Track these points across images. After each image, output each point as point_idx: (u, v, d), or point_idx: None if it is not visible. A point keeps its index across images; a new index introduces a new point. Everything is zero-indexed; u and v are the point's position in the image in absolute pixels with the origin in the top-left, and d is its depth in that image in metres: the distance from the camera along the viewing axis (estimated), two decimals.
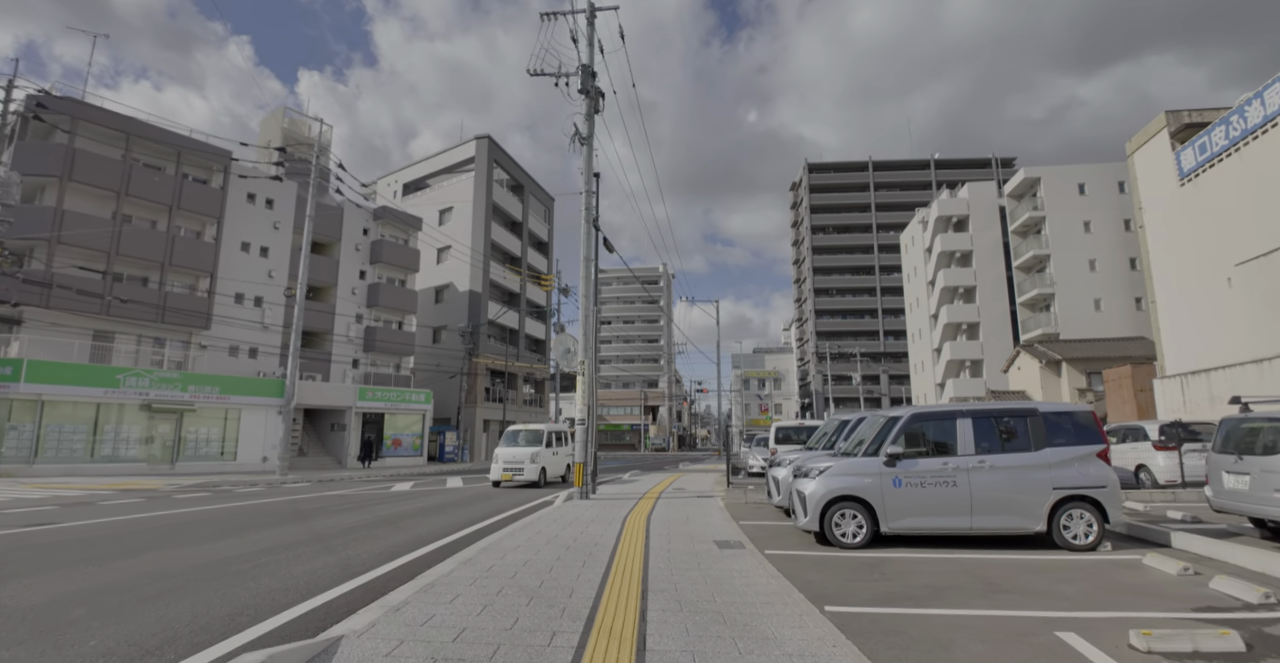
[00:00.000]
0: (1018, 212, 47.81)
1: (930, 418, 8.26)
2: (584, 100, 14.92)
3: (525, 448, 18.54)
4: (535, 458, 18.25)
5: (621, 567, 6.58)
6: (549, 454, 19.01)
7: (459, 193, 45.36)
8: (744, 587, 5.78)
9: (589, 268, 14.82)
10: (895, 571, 6.71)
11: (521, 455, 18.18)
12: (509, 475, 18.04)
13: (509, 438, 19.52)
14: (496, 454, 18.64)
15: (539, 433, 19.32)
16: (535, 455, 18.28)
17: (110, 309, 26.41)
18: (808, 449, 11.36)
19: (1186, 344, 23.77)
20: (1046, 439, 7.99)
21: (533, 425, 19.63)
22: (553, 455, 19.28)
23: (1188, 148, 23.80)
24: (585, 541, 8.25)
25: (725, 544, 7.98)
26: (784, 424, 15.81)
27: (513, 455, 18.21)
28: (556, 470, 19.80)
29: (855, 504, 7.91)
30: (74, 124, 26.54)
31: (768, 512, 11.62)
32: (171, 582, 6.13)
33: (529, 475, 18.03)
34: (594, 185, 15.20)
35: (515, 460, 18.03)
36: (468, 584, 5.70)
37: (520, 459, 18.05)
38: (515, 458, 18.10)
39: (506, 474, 18.04)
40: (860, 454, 8.16)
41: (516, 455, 18.17)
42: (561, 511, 11.62)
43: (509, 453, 18.42)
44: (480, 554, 7.18)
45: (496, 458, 18.50)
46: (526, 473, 17.98)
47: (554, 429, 19.93)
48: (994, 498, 7.83)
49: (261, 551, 7.89)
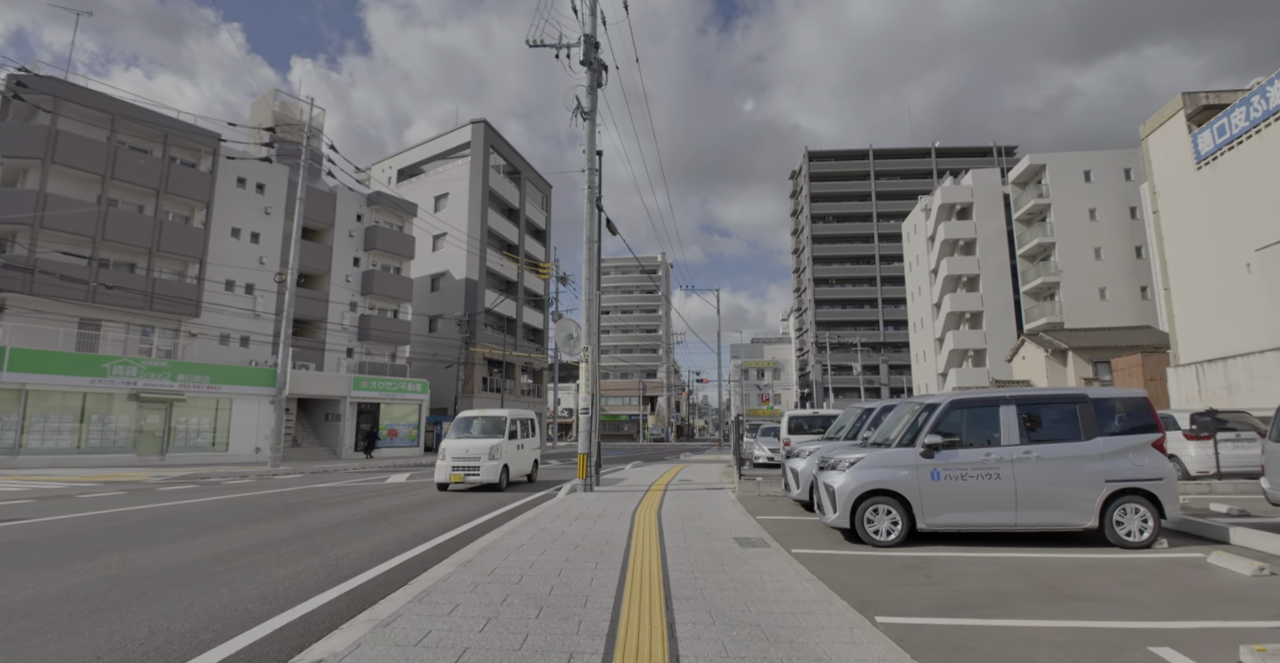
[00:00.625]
0: (1022, 199, 47.11)
1: (971, 405, 7.59)
2: (586, 72, 14.16)
3: (482, 440, 14.64)
4: (495, 452, 14.32)
5: (638, 569, 5.92)
6: (512, 448, 15.18)
7: (455, 179, 44.48)
8: (778, 593, 5.12)
9: (592, 249, 14.11)
10: (941, 573, 6.07)
11: (477, 450, 14.30)
12: (459, 477, 14.11)
13: (460, 427, 15.43)
14: (443, 448, 14.47)
15: (499, 421, 15.33)
16: (495, 450, 14.35)
17: (96, 296, 25.62)
18: (827, 439, 10.71)
19: (1202, 332, 23.15)
20: (1098, 427, 7.34)
21: (492, 412, 15.78)
22: (517, 450, 15.55)
23: (1205, 130, 23.10)
24: (594, 538, 7.60)
25: (747, 542, 7.33)
26: (798, 413, 15.12)
27: (465, 450, 14.31)
28: (521, 468, 16.14)
29: (889, 499, 7.26)
30: (57, 104, 25.64)
31: (785, 505, 10.98)
32: (134, 588, 5.45)
33: (487, 476, 14.15)
34: (597, 163, 14.46)
35: (468, 456, 14.19)
36: (468, 591, 5.04)
37: (475, 455, 14.22)
38: (469, 453, 14.24)
39: (456, 475, 14.10)
40: (894, 445, 7.49)
41: (470, 450, 14.29)
42: (566, 504, 10.97)
43: (460, 446, 14.42)
44: (481, 555, 6.51)
45: (443, 453, 14.43)
46: (484, 472, 14.12)
47: (518, 417, 16.18)
48: (1041, 491, 7.19)
49: (240, 550, 7.22)
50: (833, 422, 14.09)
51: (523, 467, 16.25)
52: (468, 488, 14.87)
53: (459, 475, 14.16)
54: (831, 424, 12.46)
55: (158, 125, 28.22)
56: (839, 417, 11.85)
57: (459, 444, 14.53)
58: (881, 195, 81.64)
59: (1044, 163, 45.69)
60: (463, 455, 14.29)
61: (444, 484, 14.46)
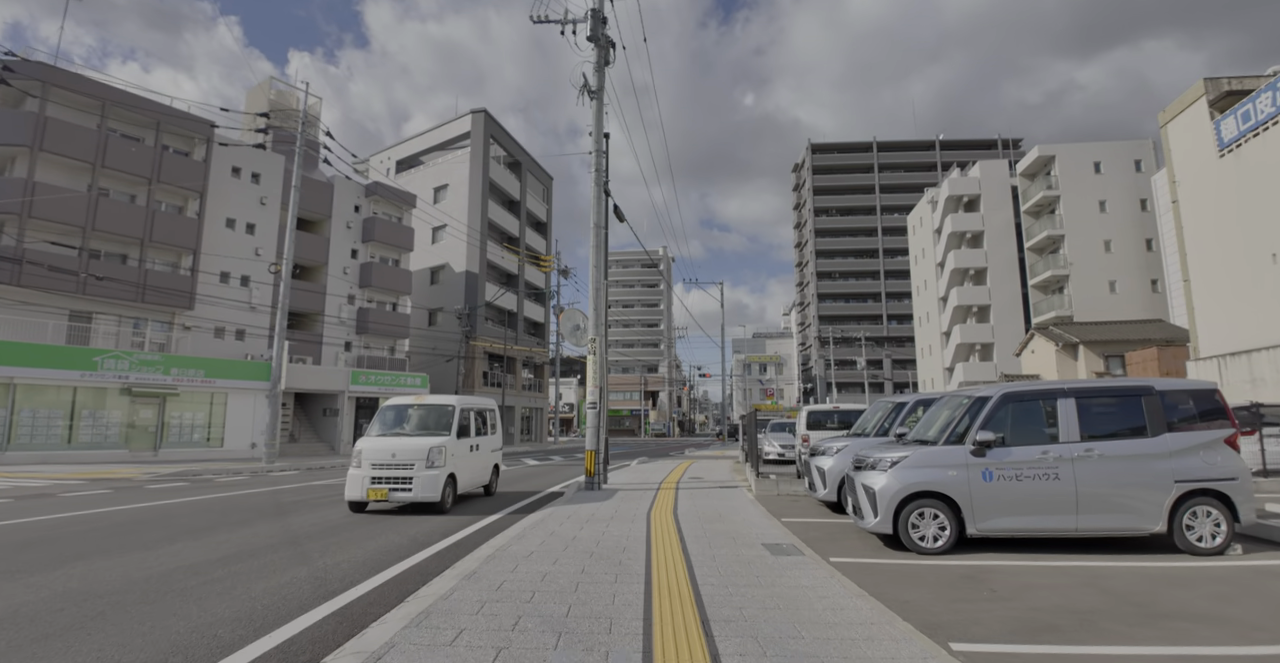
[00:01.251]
0: (1031, 191, 46.38)
1: (1026, 398, 6.91)
2: (593, 49, 13.44)
3: (417, 439, 10.30)
4: (435, 458, 9.97)
5: (664, 583, 5.24)
6: (462, 450, 10.88)
7: (454, 170, 43.69)
8: (828, 612, 4.45)
9: (599, 235, 13.40)
10: (1005, 586, 5.39)
11: (410, 453, 9.93)
12: (381, 492, 9.79)
13: (387, 420, 11.11)
14: (359, 451, 10.18)
15: (444, 412, 10.97)
16: (436, 453, 9.99)
17: (87, 288, 24.90)
18: (854, 436, 10.03)
19: (1223, 324, 22.47)
20: (1165, 423, 6.66)
21: (434, 399, 11.52)
22: (469, 452, 11.24)
23: (1229, 116, 22.34)
24: (610, 544, 6.93)
25: (778, 549, 6.65)
26: (816, 408, 14.43)
27: (391, 454, 9.95)
28: (474, 477, 11.67)
29: (936, 502, 6.58)
30: (45, 90, 24.86)
31: (808, 506, 10.31)
32: (92, 607, 4.77)
33: (423, 491, 9.78)
34: (604, 145, 13.74)
35: (396, 463, 9.88)
36: (473, 612, 4.36)
37: (406, 460, 9.87)
38: (396, 458, 9.91)
39: (377, 491, 9.80)
40: (941, 442, 6.80)
41: (400, 454, 9.93)
42: (574, 505, 10.29)
43: (384, 448, 10.05)
44: (487, 565, 5.84)
45: (358, 457, 10.14)
46: (418, 486, 9.76)
47: (473, 406, 11.82)
48: (1104, 493, 6.51)
49: (221, 558, 6.54)
50: (854, 416, 13.43)
51: (477, 475, 11.74)
52: (393, 508, 10.58)
53: (380, 491, 9.74)
54: (857, 420, 11.77)
55: (150, 112, 27.45)
56: (865, 412, 11.18)
57: (383, 445, 10.11)
58: (885, 188, 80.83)
59: (1053, 154, 44.96)
60: (387, 462, 9.90)
61: (360, 503, 10.10)
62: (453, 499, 10.48)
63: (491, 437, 12.75)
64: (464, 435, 11.02)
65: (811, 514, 9.42)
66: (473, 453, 11.43)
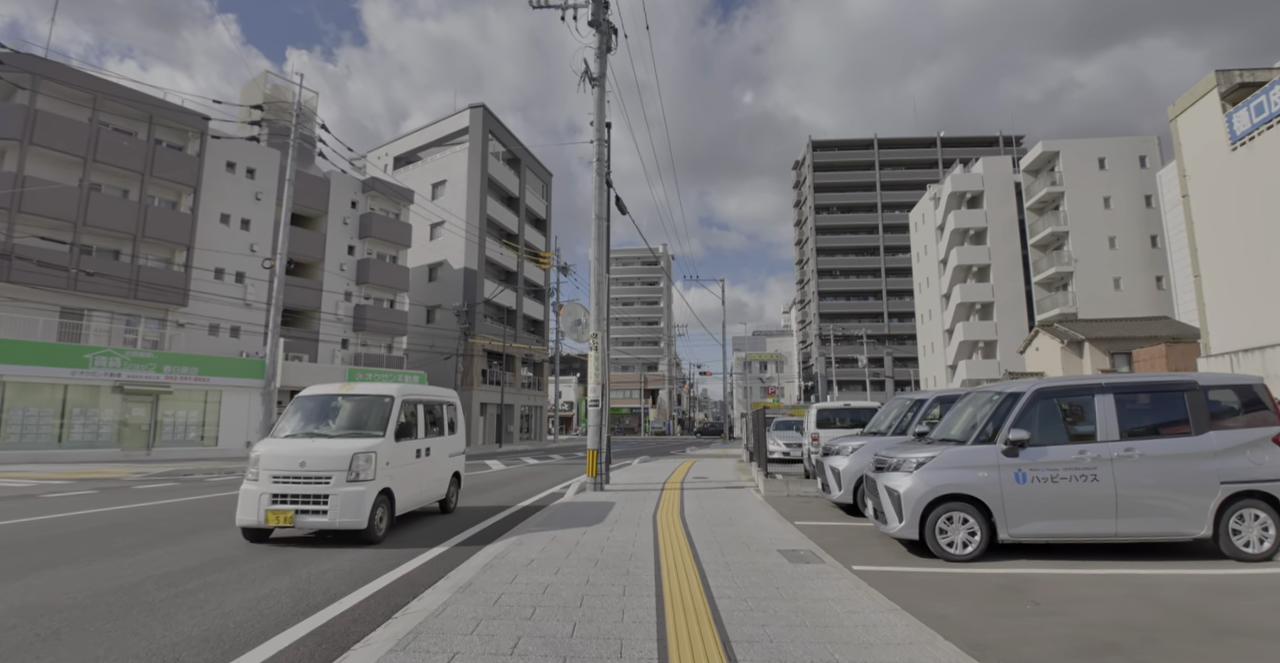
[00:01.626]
0: (1034, 187, 45.97)
1: (1060, 394, 6.47)
2: (594, 34, 12.98)
3: (337, 442, 7.68)
4: (361, 468, 7.33)
5: (677, 596, 4.80)
6: (403, 455, 8.23)
7: (452, 166, 43.19)
8: (860, 630, 4.01)
9: (601, 227, 12.95)
10: (1048, 597, 4.96)
11: (324, 460, 7.33)
12: (286, 515, 7.15)
13: (298, 414, 8.30)
14: (255, 456, 7.52)
15: (379, 405, 8.22)
16: (362, 461, 7.35)
17: (78, 284, 24.44)
18: (869, 434, 9.58)
19: (1236, 320, 22.05)
20: (1210, 420, 6.23)
21: (364, 388, 8.61)
22: (415, 459, 8.58)
23: (1241, 109, 21.90)
24: (615, 551, 6.49)
25: (796, 556, 6.22)
26: (827, 406, 13.97)
27: (299, 461, 7.35)
28: (426, 491, 9.03)
29: (966, 505, 6.14)
30: (35, 82, 24.40)
31: (821, 508, 9.87)
32: (48, 623, 4.33)
33: (342, 514, 7.16)
34: (606, 134, 13.29)
35: (305, 473, 7.28)
36: (467, 632, 3.92)
37: (320, 469, 7.28)
38: (307, 467, 7.30)
39: (279, 513, 7.16)
40: (970, 441, 6.36)
41: (311, 461, 7.34)
42: (576, 508, 9.85)
43: (288, 454, 7.44)
44: (483, 575, 5.40)
45: (255, 466, 7.43)
46: (336, 507, 7.15)
47: (420, 397, 9.06)
48: (1146, 495, 6.07)
49: (197, 567, 6.10)
50: (865, 414, 12.99)
51: (427, 488, 8.99)
52: (304, 536, 7.81)
53: (284, 513, 7.05)
54: (868, 418, 11.33)
55: (142, 105, 26.96)
56: (880, 410, 10.73)
57: (290, 450, 7.42)
58: (886, 186, 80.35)
59: (1057, 150, 44.54)
60: (295, 473, 7.18)
61: (258, 530, 7.38)
62: (387, 523, 7.68)
63: (450, 438, 9.86)
64: (406, 436, 8.29)
65: (826, 517, 8.98)
66: (420, 460, 8.69)
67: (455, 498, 10.31)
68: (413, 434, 8.59)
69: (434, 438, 9.29)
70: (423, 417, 9.00)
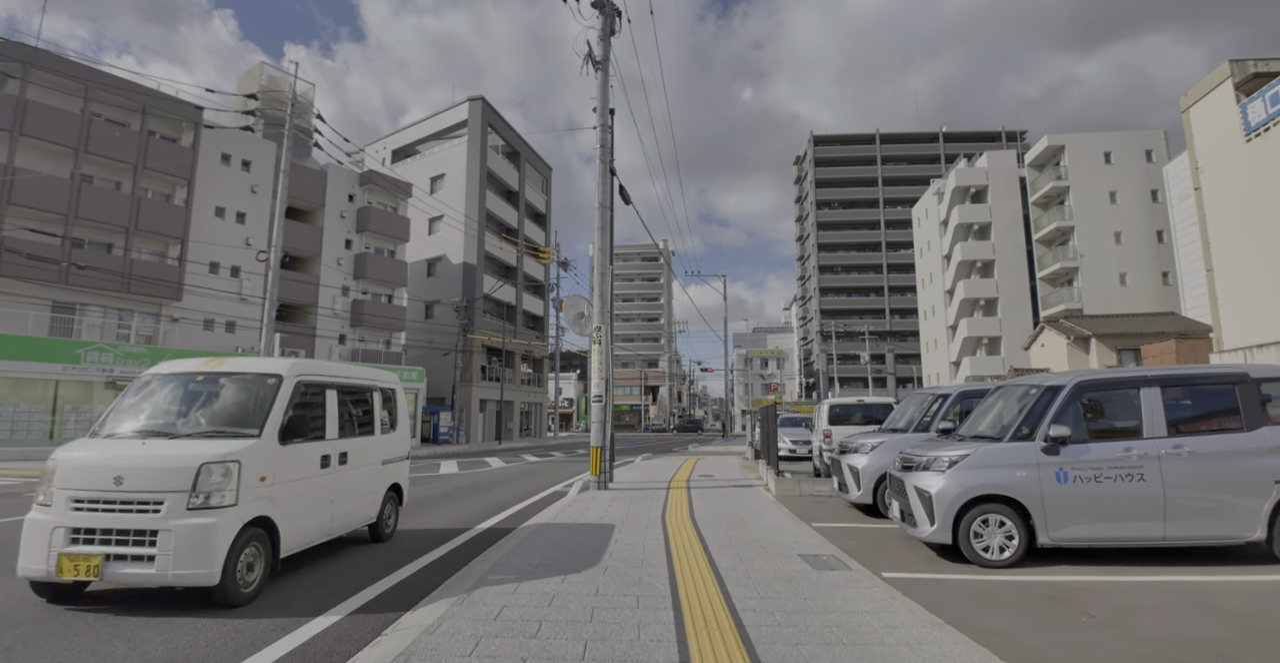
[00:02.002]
0: (1039, 182, 45.53)
1: (1103, 387, 6.03)
2: (598, 16, 12.52)
3: (182, 444, 4.92)
4: (216, 485, 4.65)
5: (697, 609, 4.37)
6: (300, 465, 5.68)
7: (451, 159, 42.66)
8: (905, 650, 3.59)
9: (604, 216, 12.50)
10: (1102, 608, 4.53)
11: (151, 475, 4.60)
12: (87, 563, 4.44)
13: (138, 400, 5.58)
14: (50, 466, 4.79)
15: (259, 390, 5.53)
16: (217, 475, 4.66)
17: (69, 277, 23.97)
18: (888, 431, 9.15)
19: (1250, 315, 21.64)
20: (1262, 414, 5.80)
21: (237, 364, 5.86)
22: (323, 471, 6.03)
23: (1256, 99, 21.46)
24: (625, 556, 6.06)
25: (820, 562, 5.79)
26: (839, 401, 13.50)
27: (113, 475, 4.60)
28: (341, 515, 6.37)
29: (1003, 507, 5.71)
30: (25, 72, 23.88)
31: (836, 508, 9.44)
32: None
33: (178, 562, 4.45)
34: (609, 120, 12.83)
35: (121, 494, 4.55)
36: (465, 653, 3.48)
37: (144, 489, 4.56)
38: (128, 488, 4.56)
39: (79, 559, 4.45)
40: (1006, 438, 5.93)
41: (132, 477, 4.59)
42: (580, 507, 9.42)
43: (99, 464, 4.70)
44: (482, 586, 4.97)
45: (47, 483, 4.72)
46: (167, 550, 4.46)
47: (332, 381, 6.42)
48: (1195, 496, 5.65)
49: None
50: (879, 410, 12.57)
51: (345, 510, 6.44)
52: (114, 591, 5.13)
53: (87, 560, 4.48)
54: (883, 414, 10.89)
55: (135, 96, 26.45)
56: (899, 406, 10.28)
57: (104, 457, 4.85)
58: (888, 181, 79.84)
59: (1063, 144, 44.10)
60: (106, 495, 4.62)
61: (49, 585, 4.79)
62: (264, 571, 5.06)
63: (383, 438, 7.21)
64: (302, 436, 5.61)
65: (843, 518, 8.54)
66: (329, 471, 6.03)
67: (393, 520, 7.52)
68: (315, 433, 5.84)
69: (356, 438, 6.55)
70: (336, 408, 6.21)
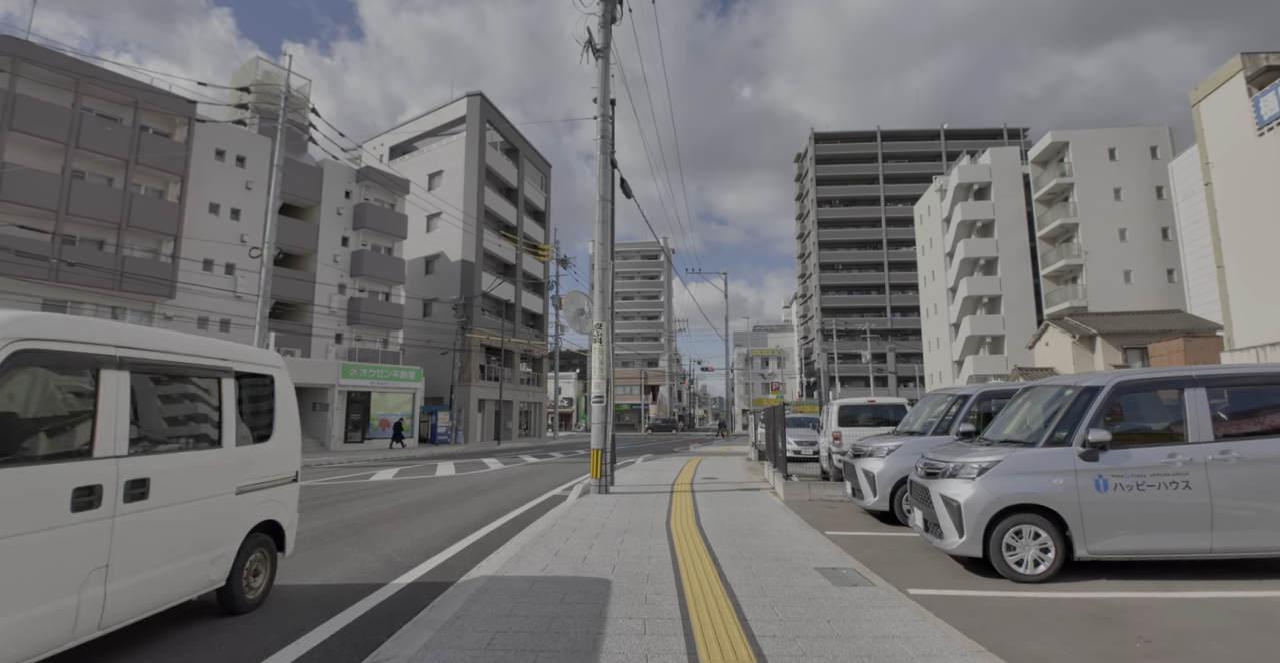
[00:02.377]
0: (1043, 179, 45.13)
1: (1145, 387, 5.62)
2: (598, 2, 12.09)
3: None
4: None
5: (710, 634, 3.95)
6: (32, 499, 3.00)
7: (449, 156, 42.21)
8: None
9: (605, 209, 12.08)
10: (1155, 631, 4.11)
11: None
12: None
13: None
14: None
15: None
16: None
17: (60, 275, 23.53)
18: (905, 433, 8.71)
19: (1262, 312, 21.24)
20: None
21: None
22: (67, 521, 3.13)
23: (1269, 92, 21.03)
24: (629, 569, 5.64)
25: (839, 577, 5.37)
26: (850, 402, 13.02)
27: None
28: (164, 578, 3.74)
29: (1037, 516, 5.30)
30: (15, 66, 23.42)
31: (849, 513, 9.01)
32: None
33: None
34: (610, 110, 12.41)
35: None
36: None
37: None
38: None
39: None
40: (1040, 443, 5.51)
41: None
42: (580, 513, 8.99)
43: None
44: (474, 605, 4.54)
45: None
46: None
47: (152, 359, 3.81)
48: (1244, 505, 5.23)
49: None
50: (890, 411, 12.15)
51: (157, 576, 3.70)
52: None
53: None
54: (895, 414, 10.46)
55: (127, 90, 26.00)
56: (915, 406, 9.83)
57: None
58: (889, 179, 79.40)
59: (1067, 141, 43.68)
60: None
61: None
62: None
63: (242, 451, 4.59)
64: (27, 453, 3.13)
65: (858, 526, 8.12)
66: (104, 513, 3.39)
67: (263, 579, 4.86)
68: (62, 447, 3.37)
69: (175, 455, 4.01)
70: (129, 404, 3.66)
